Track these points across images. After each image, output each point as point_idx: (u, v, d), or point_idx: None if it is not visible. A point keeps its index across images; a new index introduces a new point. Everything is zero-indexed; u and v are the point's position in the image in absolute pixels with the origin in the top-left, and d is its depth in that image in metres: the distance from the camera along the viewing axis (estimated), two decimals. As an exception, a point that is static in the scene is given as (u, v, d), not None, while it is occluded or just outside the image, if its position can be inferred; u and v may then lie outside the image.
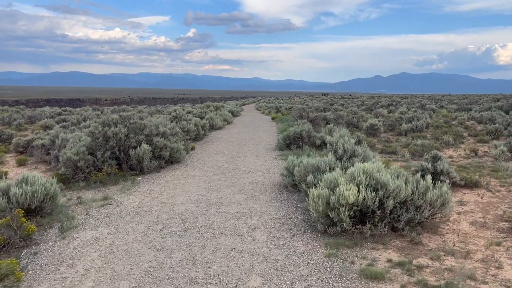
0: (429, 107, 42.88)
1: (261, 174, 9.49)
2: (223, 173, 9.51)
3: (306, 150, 12.49)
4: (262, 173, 9.56)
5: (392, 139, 16.44)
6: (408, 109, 34.42)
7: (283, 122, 21.81)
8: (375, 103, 54.78)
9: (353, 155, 7.05)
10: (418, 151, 12.33)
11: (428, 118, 20.87)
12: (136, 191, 7.86)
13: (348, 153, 7.00)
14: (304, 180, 6.83)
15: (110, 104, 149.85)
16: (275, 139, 15.67)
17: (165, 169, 10.00)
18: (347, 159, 6.94)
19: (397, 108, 39.37)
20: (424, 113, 25.81)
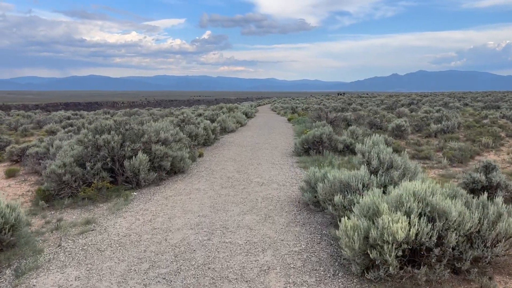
0: (453, 105, 40.79)
1: (276, 186, 8.12)
2: (232, 186, 8.18)
3: (328, 156, 11.07)
4: (277, 186, 8.19)
5: (421, 142, 14.86)
6: (432, 107, 32.54)
7: (300, 124, 20.39)
8: (395, 102, 52.75)
9: (390, 167, 5.64)
10: (457, 156, 10.78)
11: (459, 117, 19.15)
12: (127, 211, 6.59)
13: (384, 165, 5.59)
14: (331, 199, 5.46)
15: (126, 107, 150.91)
16: (291, 143, 14.27)
17: (166, 181, 8.72)
18: (383, 172, 5.54)
19: (419, 107, 37.46)
20: (453, 112, 24.04)
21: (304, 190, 6.72)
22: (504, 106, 34.94)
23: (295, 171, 9.70)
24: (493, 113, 26.25)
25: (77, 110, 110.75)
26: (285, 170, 9.83)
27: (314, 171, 6.67)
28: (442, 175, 9.11)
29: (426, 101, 53.65)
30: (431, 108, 29.21)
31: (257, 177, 9.06)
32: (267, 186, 8.14)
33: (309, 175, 6.71)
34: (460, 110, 33.52)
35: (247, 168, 10.06)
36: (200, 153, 12.18)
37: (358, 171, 5.38)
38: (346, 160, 10.91)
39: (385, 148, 5.82)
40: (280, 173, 9.46)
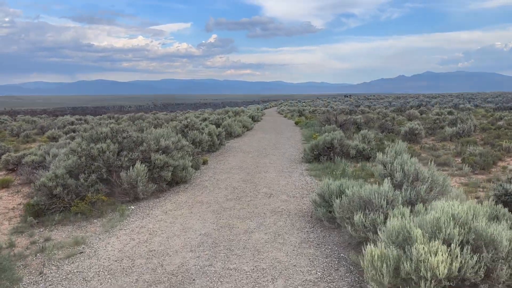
0: (464, 107, 39.84)
1: (285, 198, 7.47)
2: (238, 198, 7.54)
3: (340, 164, 10.40)
4: (287, 197, 7.54)
5: (437, 146, 14.13)
6: (442, 109, 31.69)
7: (308, 127, 19.66)
8: (403, 104, 51.82)
9: (415, 179, 4.98)
10: (478, 162, 10.06)
11: (473, 119, 18.37)
12: (122, 229, 5.97)
13: (409, 178, 4.92)
14: (349, 217, 4.80)
15: (133, 111, 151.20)
16: (300, 148, 13.60)
17: (166, 193, 8.10)
18: (408, 186, 4.87)
19: (428, 109, 36.58)
20: (467, 114, 23.24)
21: (317, 204, 6.07)
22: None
23: (305, 179, 9.05)
24: (507, 115, 25.39)
25: (84, 115, 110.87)
26: (294, 178, 9.18)
27: (328, 183, 6.01)
28: (465, 184, 8.40)
29: (435, 103, 52.66)
30: (442, 110, 28.40)
31: (264, 187, 8.42)
32: (276, 198, 7.49)
33: (322, 187, 6.06)
34: (472, 111, 32.63)
35: (254, 177, 9.43)
36: (204, 160, 11.57)
37: (380, 186, 4.71)
38: (360, 167, 10.23)
39: (409, 158, 5.15)
40: (289, 182, 8.81)
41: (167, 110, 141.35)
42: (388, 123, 19.02)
